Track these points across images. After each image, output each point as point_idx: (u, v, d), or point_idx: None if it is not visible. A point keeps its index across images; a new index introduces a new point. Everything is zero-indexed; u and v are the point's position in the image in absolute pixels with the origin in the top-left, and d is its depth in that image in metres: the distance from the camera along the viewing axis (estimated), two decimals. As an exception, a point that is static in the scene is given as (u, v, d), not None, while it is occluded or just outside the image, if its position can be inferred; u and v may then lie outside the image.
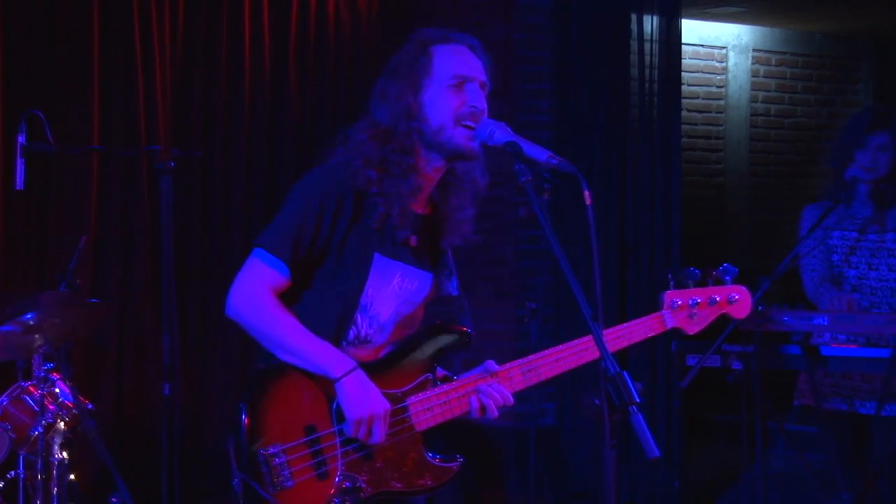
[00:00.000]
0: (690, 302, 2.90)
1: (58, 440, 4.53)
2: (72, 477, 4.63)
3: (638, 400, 2.29)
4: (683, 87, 6.87)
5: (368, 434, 2.68)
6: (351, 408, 2.67)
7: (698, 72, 9.17)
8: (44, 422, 4.45)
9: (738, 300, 2.97)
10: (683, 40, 6.69)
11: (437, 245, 2.86)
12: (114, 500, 4.56)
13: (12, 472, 4.54)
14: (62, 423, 4.53)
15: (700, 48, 9.18)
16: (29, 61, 5.85)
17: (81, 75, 6.00)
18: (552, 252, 2.48)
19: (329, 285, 2.77)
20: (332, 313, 2.77)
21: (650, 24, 6.47)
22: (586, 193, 2.40)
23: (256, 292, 2.71)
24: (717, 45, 9.34)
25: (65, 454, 4.56)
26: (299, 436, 2.69)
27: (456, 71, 2.75)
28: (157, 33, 6.22)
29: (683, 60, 6.90)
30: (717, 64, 9.36)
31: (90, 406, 4.64)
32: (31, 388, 4.54)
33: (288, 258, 2.70)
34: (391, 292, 2.79)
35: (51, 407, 4.50)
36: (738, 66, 9.49)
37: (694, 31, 8.94)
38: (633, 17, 6.45)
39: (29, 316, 4.39)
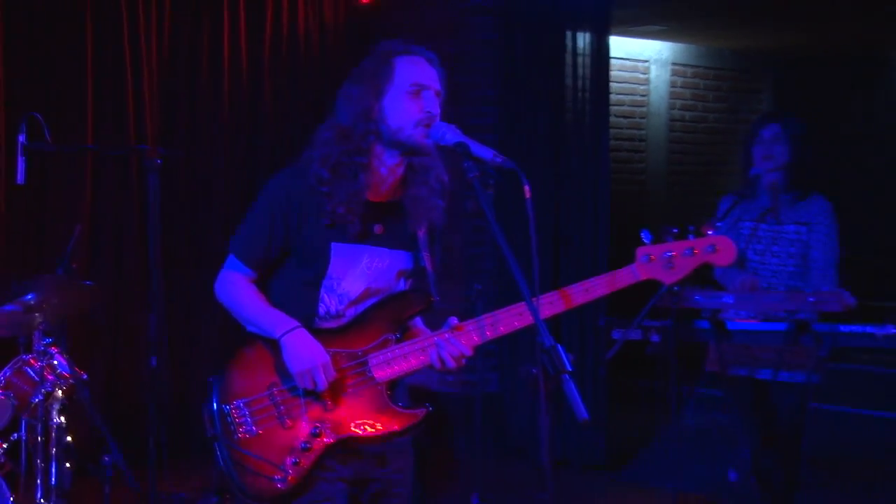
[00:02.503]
0: (664, 255, 2.76)
1: (56, 406, 4.48)
2: (68, 439, 4.58)
3: (570, 369, 2.29)
4: (611, 96, 6.91)
5: (313, 383, 2.67)
6: (291, 362, 2.69)
7: (624, 82, 9.21)
8: (43, 390, 4.40)
9: (718, 249, 2.76)
10: (611, 55, 6.73)
11: (406, 227, 2.84)
12: (106, 459, 4.53)
13: (15, 435, 4.49)
14: (60, 392, 4.49)
15: (626, 61, 9.22)
16: (28, 67, 5.78)
17: (76, 80, 5.95)
18: (496, 240, 2.49)
19: (295, 272, 2.80)
20: (299, 295, 2.79)
21: (583, 40, 6.49)
22: (526, 188, 2.41)
23: (227, 283, 2.85)
24: (641, 59, 9.39)
25: (62, 419, 4.51)
26: (262, 390, 2.72)
27: (414, 79, 2.74)
28: (144, 46, 6.17)
29: (611, 72, 6.93)
30: (640, 76, 9.41)
31: (85, 376, 4.60)
32: (32, 361, 4.49)
33: (252, 263, 2.82)
34: (360, 272, 2.78)
35: (49, 377, 4.45)
36: (659, 78, 9.54)
37: (620, 46, 8.98)
38: (568, 33, 6.47)
39: (30, 296, 4.36)
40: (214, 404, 2.71)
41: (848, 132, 10.28)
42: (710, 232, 2.79)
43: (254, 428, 2.69)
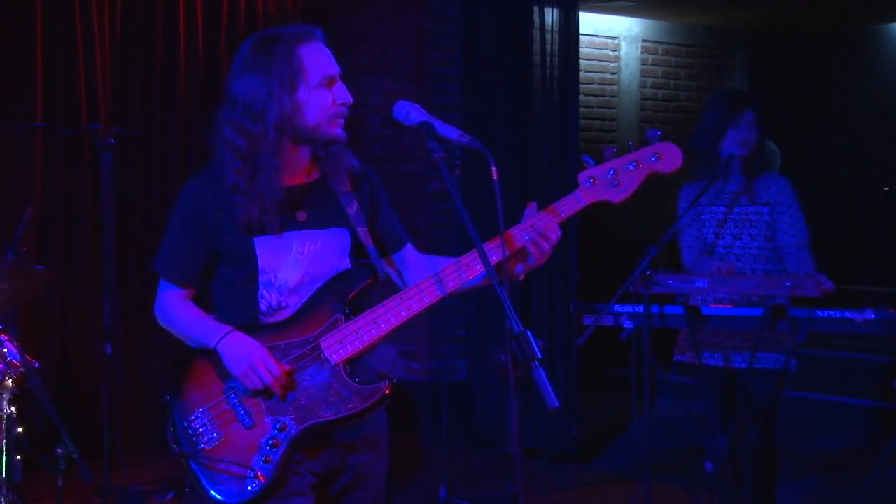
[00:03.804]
0: (606, 174, 2.70)
1: (6, 396, 4.42)
2: (19, 430, 4.52)
3: (540, 356, 2.29)
4: (580, 74, 6.90)
5: (259, 380, 2.66)
6: (231, 367, 2.68)
7: (593, 60, 9.21)
8: (-8, 380, 4.35)
9: (662, 156, 2.71)
10: (580, 31, 6.71)
11: (336, 197, 2.81)
12: (59, 450, 4.47)
13: (-37, 427, 4.42)
14: (10, 381, 4.43)
15: (595, 38, 9.22)
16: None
17: (26, 56, 5.85)
18: (462, 223, 2.47)
19: (228, 273, 2.78)
20: (238, 296, 2.77)
21: (550, 16, 6.47)
22: (493, 169, 2.39)
23: (163, 306, 2.85)
24: (611, 35, 9.39)
25: (12, 409, 4.45)
26: (219, 395, 2.72)
27: (326, 72, 2.70)
28: (96, 21, 6.09)
29: (580, 49, 6.92)
30: (610, 53, 9.41)
31: (36, 364, 4.53)
32: (-20, 349, 4.43)
33: (181, 281, 2.81)
34: (293, 260, 2.75)
35: (-1, 366, 4.40)
36: (629, 55, 9.55)
37: (590, 22, 8.97)
38: (535, 9, 6.45)
39: (-23, 282, 4.29)
40: (176, 420, 2.71)
41: (822, 109, 10.35)
42: (652, 137, 2.74)
43: (216, 434, 2.69)
